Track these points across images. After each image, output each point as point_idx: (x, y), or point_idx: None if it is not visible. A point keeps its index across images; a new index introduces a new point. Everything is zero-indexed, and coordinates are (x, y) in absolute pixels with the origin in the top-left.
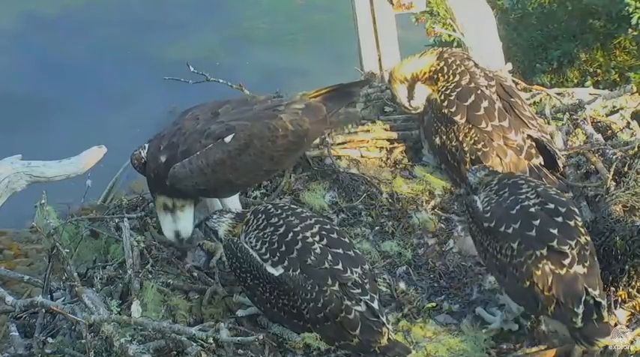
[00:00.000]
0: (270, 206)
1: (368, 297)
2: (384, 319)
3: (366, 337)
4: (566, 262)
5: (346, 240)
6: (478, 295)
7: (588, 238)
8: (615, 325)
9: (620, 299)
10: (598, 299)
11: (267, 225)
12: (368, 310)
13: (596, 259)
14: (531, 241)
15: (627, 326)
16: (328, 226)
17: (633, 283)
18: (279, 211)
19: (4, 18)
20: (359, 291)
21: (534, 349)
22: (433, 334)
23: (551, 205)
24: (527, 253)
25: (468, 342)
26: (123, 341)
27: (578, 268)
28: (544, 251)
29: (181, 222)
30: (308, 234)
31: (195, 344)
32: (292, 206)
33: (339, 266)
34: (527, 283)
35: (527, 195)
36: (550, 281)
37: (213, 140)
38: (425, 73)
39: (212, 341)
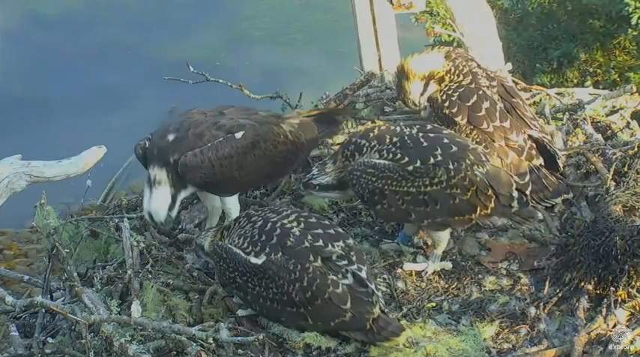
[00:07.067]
0: (251, 210)
1: (355, 267)
2: (372, 287)
3: (358, 309)
4: (484, 157)
5: (326, 222)
6: (478, 295)
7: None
8: (615, 325)
9: (620, 299)
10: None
11: (247, 222)
12: (355, 281)
13: None
14: (458, 155)
15: (627, 326)
16: (306, 214)
17: (633, 283)
18: (259, 211)
19: (4, 18)
20: (345, 262)
21: (534, 349)
22: (433, 334)
23: (429, 126)
24: (463, 166)
25: (468, 342)
26: (123, 341)
27: (491, 158)
28: (471, 156)
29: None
30: (285, 221)
31: (195, 344)
32: (272, 207)
33: (320, 243)
34: (469, 193)
35: (406, 129)
36: (487, 181)
37: (224, 133)
38: (439, 73)
39: (212, 341)
